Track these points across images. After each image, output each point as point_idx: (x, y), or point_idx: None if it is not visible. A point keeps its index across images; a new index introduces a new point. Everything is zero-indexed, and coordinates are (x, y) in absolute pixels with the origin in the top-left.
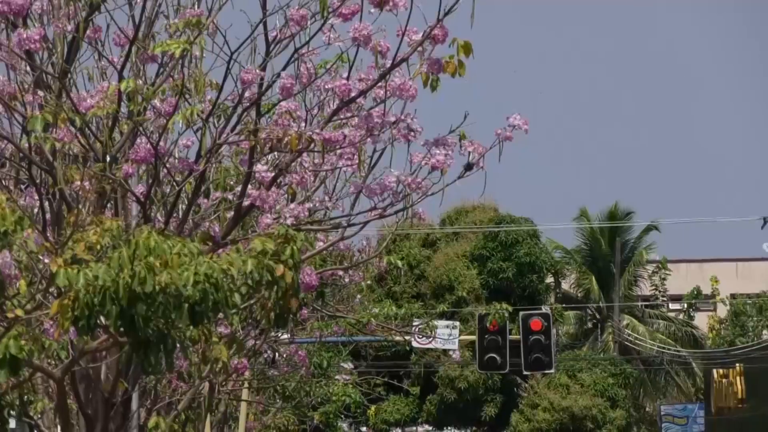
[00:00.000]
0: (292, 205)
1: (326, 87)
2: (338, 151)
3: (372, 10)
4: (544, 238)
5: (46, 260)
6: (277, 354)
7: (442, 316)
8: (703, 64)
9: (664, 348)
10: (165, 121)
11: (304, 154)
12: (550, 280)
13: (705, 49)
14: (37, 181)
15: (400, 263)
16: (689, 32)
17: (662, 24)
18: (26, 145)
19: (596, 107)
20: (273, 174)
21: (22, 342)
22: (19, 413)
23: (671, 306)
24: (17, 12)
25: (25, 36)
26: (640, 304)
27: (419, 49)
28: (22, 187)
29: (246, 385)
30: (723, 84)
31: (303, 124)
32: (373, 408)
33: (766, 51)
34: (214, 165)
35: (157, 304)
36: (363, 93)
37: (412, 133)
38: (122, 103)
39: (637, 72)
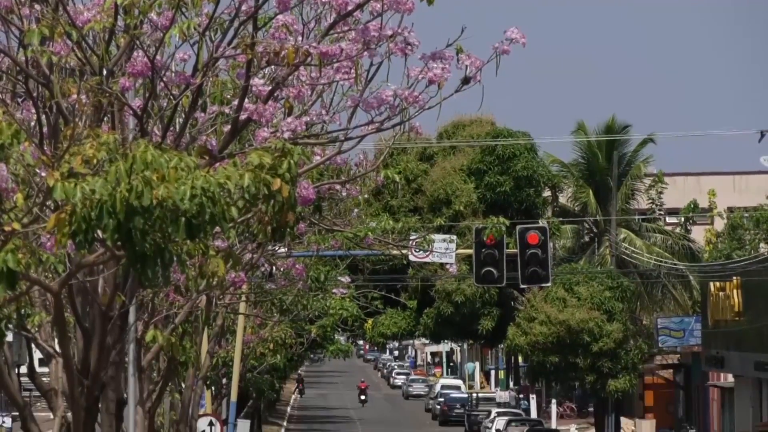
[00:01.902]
0: (289, 119)
1: (323, 0)
2: (335, 65)
3: None
4: (541, 151)
5: (43, 174)
6: (274, 268)
7: (440, 229)
8: None
9: (661, 261)
10: (162, 34)
11: (301, 68)
12: (547, 193)
13: None
14: (34, 94)
15: (397, 177)
16: None
17: None
18: (23, 58)
19: (594, 21)
20: (270, 88)
21: (20, 255)
22: (17, 326)
23: (668, 219)
24: None
25: None
26: (637, 217)
27: None
28: (19, 100)
29: (243, 298)
30: None
31: (300, 38)
32: (370, 321)
33: None
34: (210, 79)
35: (154, 218)
36: (360, 6)
37: (409, 47)
38: (119, 17)
39: None
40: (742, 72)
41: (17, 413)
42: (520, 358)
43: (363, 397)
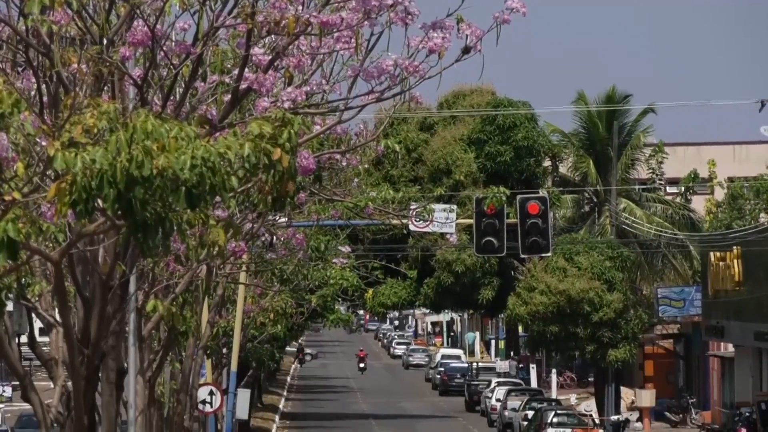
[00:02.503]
0: (289, 89)
1: None
2: (335, 35)
3: None
4: (541, 121)
5: (44, 143)
6: (274, 237)
7: (440, 199)
8: None
9: (661, 231)
10: (162, 3)
11: (302, 38)
12: (547, 163)
13: None
14: (34, 63)
15: (397, 147)
16: None
17: None
18: (23, 27)
19: None
20: (270, 57)
21: (20, 225)
22: (17, 296)
23: (668, 189)
24: None
25: None
26: (637, 187)
27: None
28: (19, 69)
29: (243, 268)
30: None
31: (300, 7)
32: (370, 291)
33: None
34: (211, 48)
35: (155, 188)
36: None
37: (410, 17)
38: None
39: None
40: (742, 42)
41: (17, 382)
42: (520, 328)
43: (362, 365)
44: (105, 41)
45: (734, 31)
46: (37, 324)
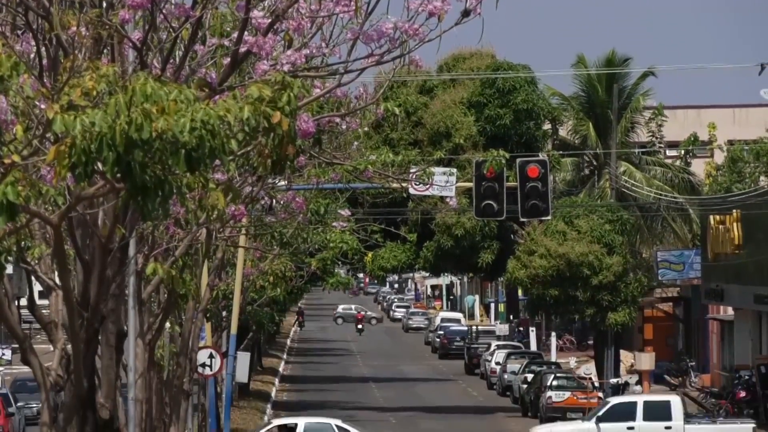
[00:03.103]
0: (288, 52)
1: None
2: None
3: None
4: (541, 84)
5: (43, 106)
6: (274, 201)
7: (440, 162)
8: None
9: (660, 194)
10: None
11: (301, 0)
12: (547, 126)
13: None
14: (34, 26)
15: (397, 110)
16: None
17: None
18: None
19: None
20: (270, 20)
21: (20, 188)
22: (17, 259)
23: (668, 152)
24: None
25: None
26: (637, 150)
27: None
28: (19, 32)
29: (243, 231)
30: None
31: None
32: (370, 255)
33: None
34: (210, 11)
35: (154, 151)
36: None
37: None
38: None
39: None
40: (742, 4)
41: (17, 345)
42: (519, 292)
43: (360, 327)
44: (104, 4)
45: None
46: (37, 287)
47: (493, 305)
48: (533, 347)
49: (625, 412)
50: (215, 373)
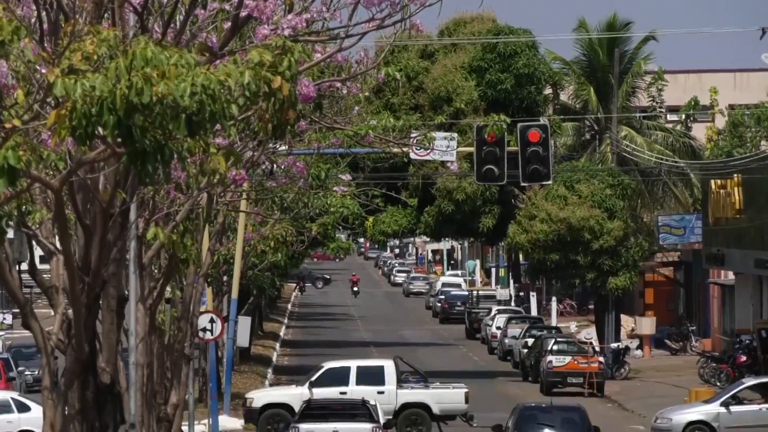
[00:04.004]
0: (289, 16)
1: None
2: None
3: None
4: (542, 49)
5: (44, 70)
6: (275, 165)
7: (440, 127)
8: None
9: (661, 159)
10: None
11: None
12: (548, 91)
13: None
14: None
15: (398, 75)
16: None
17: None
18: None
19: None
20: None
21: (20, 152)
22: (18, 224)
23: (669, 117)
24: None
25: None
26: (638, 115)
27: None
28: None
29: (244, 196)
30: None
31: None
32: (370, 219)
33: None
34: None
35: (155, 115)
36: None
37: None
38: None
39: None
40: None
41: (18, 310)
42: (520, 256)
43: (355, 289)
44: None
45: None
46: (38, 251)
47: (493, 270)
48: (534, 312)
49: (339, 377)
50: (216, 338)
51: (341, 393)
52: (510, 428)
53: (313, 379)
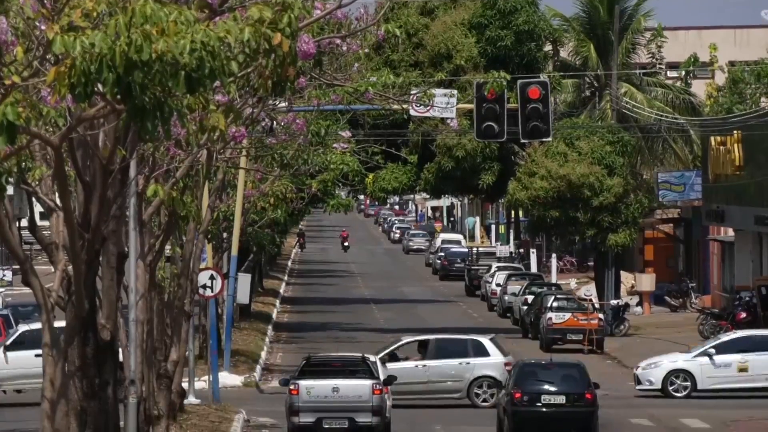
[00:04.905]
0: None
1: None
2: None
3: None
4: (542, 5)
5: (43, 27)
6: (274, 122)
7: (440, 84)
8: None
9: (661, 115)
10: None
11: None
12: (548, 48)
13: None
14: None
15: (397, 31)
16: None
17: None
18: None
19: None
20: None
21: (20, 109)
22: (18, 180)
23: (669, 73)
24: None
25: None
26: (638, 71)
27: None
28: None
29: (244, 153)
30: None
31: None
32: (370, 176)
33: None
34: None
35: (154, 72)
36: None
37: None
38: None
39: None
40: None
41: (18, 266)
42: (520, 213)
43: (345, 244)
44: None
45: None
46: (38, 208)
47: (493, 227)
48: (534, 269)
49: (36, 340)
50: (216, 295)
51: (36, 356)
52: (510, 385)
53: (8, 343)
